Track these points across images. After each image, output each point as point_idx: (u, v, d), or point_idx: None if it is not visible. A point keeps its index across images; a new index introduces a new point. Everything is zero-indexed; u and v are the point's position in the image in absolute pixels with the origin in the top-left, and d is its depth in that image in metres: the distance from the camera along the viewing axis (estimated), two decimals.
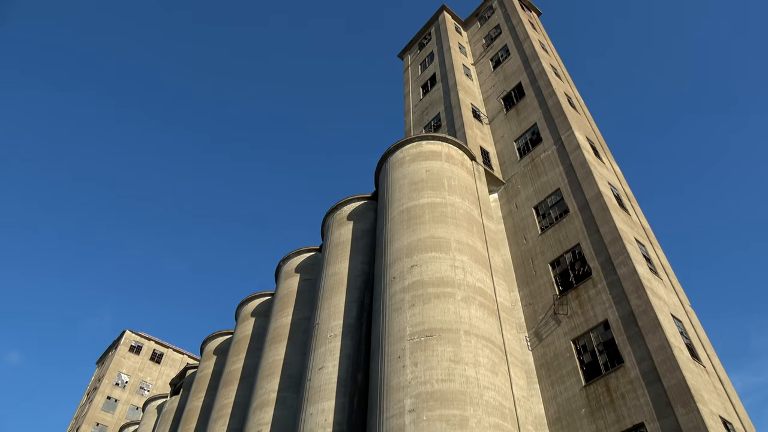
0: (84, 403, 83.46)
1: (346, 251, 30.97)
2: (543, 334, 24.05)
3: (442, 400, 19.22)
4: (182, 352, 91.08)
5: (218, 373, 39.06)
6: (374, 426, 20.48)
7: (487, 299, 23.55)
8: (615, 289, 22.37)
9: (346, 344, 26.32)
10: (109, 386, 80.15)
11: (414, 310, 22.43)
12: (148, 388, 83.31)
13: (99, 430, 76.22)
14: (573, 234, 25.93)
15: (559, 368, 22.47)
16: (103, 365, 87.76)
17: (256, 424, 28.05)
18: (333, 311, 28.07)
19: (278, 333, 32.06)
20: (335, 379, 25.01)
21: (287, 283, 35.08)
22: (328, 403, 24.22)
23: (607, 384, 20.42)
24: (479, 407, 19.18)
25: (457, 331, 21.37)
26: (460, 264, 24.02)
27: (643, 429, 18.54)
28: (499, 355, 21.75)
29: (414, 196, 27.39)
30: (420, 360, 20.65)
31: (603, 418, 19.88)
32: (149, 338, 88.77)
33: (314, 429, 23.57)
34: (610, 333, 21.59)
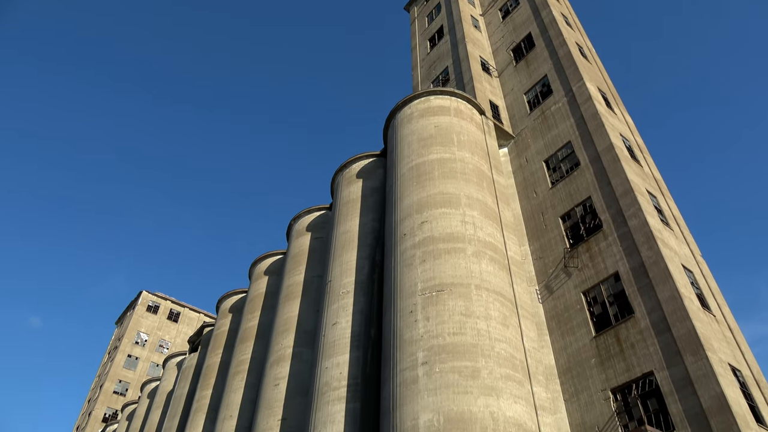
0: (106, 362, 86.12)
1: (356, 209, 31.08)
2: (553, 287, 24.25)
3: (454, 353, 19.61)
4: (198, 310, 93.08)
5: (234, 331, 39.98)
6: (388, 378, 21.01)
7: (497, 254, 23.68)
8: (626, 241, 22.38)
9: (358, 300, 26.74)
10: (129, 345, 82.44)
11: (425, 266, 22.64)
12: (167, 345, 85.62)
13: (122, 386, 78.87)
14: (584, 187, 25.78)
15: (569, 320, 22.76)
16: (122, 325, 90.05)
17: (274, 379, 28.86)
18: (345, 268, 28.40)
19: (291, 291, 32.58)
20: (349, 334, 25.53)
21: (299, 241, 35.42)
22: (343, 357, 24.80)
23: (617, 334, 20.69)
24: (491, 359, 19.56)
25: (468, 285, 21.60)
26: (470, 219, 24.06)
27: (652, 377, 18.88)
28: (509, 308, 22.02)
29: (423, 152, 27.23)
30: (432, 314, 20.97)
31: (613, 367, 20.23)
32: (166, 298, 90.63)
33: (330, 382, 24.23)
34: (621, 285, 21.73)
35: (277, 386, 28.40)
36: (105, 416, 75.37)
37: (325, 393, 23.99)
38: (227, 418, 31.66)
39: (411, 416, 18.76)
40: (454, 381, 18.89)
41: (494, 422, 17.94)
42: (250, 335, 35.43)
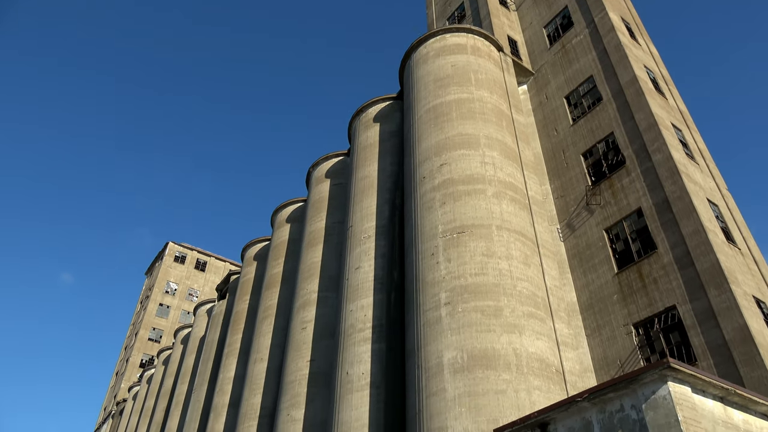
0: (139, 311, 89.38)
1: (374, 154, 30.93)
2: (575, 225, 24.16)
3: (476, 293, 19.88)
4: (224, 259, 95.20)
5: (260, 278, 40.95)
6: (412, 319, 21.48)
7: (518, 194, 23.54)
8: (649, 177, 22.02)
9: (380, 244, 27.03)
10: (159, 294, 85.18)
11: (445, 208, 22.66)
12: (196, 294, 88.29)
13: (156, 334, 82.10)
14: (606, 122, 25.19)
15: (591, 257, 22.77)
16: (151, 276, 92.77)
17: (301, 322, 29.73)
18: (365, 213, 28.58)
19: (314, 237, 33.02)
20: (372, 278, 25.97)
21: (318, 188, 35.58)
22: (367, 300, 25.34)
23: (639, 270, 20.70)
24: (513, 297, 19.81)
25: (488, 226, 21.63)
26: (489, 160, 23.82)
27: (675, 311, 18.98)
28: (531, 248, 22.08)
29: (440, 93, 26.73)
30: (453, 256, 21.15)
31: (635, 302, 20.36)
32: (192, 248, 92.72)
33: (355, 324, 24.87)
34: (644, 220, 21.55)
35: (304, 329, 29.27)
36: (142, 362, 78.90)
37: (351, 335, 24.68)
38: (258, 360, 32.91)
39: (435, 354, 19.27)
40: (477, 320, 19.24)
41: (517, 358, 18.36)
42: (276, 281, 36.26)
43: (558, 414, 14.94)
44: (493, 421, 17.03)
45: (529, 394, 17.67)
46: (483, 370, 18.09)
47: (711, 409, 13.50)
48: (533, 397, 17.60)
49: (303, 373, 27.67)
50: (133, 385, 69.95)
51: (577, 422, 14.55)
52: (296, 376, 27.76)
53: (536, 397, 17.65)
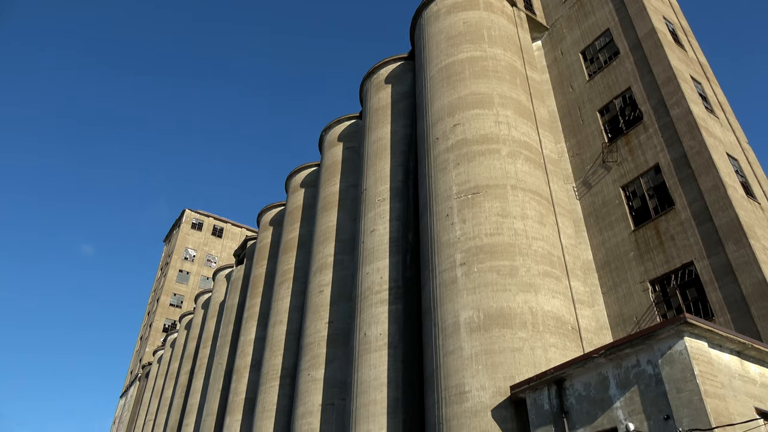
0: (159, 278, 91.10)
1: (386, 116, 30.65)
2: (591, 183, 23.92)
3: (491, 253, 19.93)
4: (240, 225, 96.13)
5: (276, 243, 41.37)
6: (428, 280, 21.66)
7: (532, 153, 23.29)
8: (667, 132, 21.61)
9: (394, 207, 27.05)
10: (179, 261, 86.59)
11: (459, 169, 22.52)
12: (214, 260, 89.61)
13: (177, 299, 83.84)
14: (623, 77, 24.60)
15: (607, 215, 22.62)
16: (170, 243, 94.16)
17: (318, 286, 30.13)
18: (379, 176, 28.52)
19: (328, 201, 33.12)
20: (387, 240, 26.11)
21: (331, 152, 35.48)
22: (383, 262, 25.54)
23: (656, 227, 20.54)
24: (528, 257, 19.84)
25: (503, 186, 21.50)
26: (504, 119, 23.50)
27: (692, 267, 18.90)
28: (546, 207, 21.97)
29: (452, 52, 26.21)
30: (468, 217, 21.13)
31: (651, 259, 20.28)
32: (208, 215, 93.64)
33: (372, 286, 25.15)
34: (661, 177, 21.26)
35: (321, 292, 29.69)
36: (165, 327, 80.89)
37: (367, 296, 24.99)
38: (277, 323, 33.56)
39: (452, 314, 19.49)
40: (493, 280, 19.35)
41: (533, 316, 18.51)
42: (292, 246, 36.63)
43: (574, 370, 15.13)
44: (509, 378, 17.31)
45: (546, 351, 17.87)
46: (499, 329, 18.29)
47: (727, 363, 13.57)
48: (549, 355, 17.81)
49: (322, 334, 28.20)
50: (157, 349, 71.91)
51: (593, 378, 14.74)
52: (315, 338, 28.32)
53: (552, 354, 17.86)
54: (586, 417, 14.50)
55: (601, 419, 14.12)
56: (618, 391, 13.97)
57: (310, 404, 26.36)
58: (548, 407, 15.56)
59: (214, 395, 40.57)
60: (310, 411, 26.17)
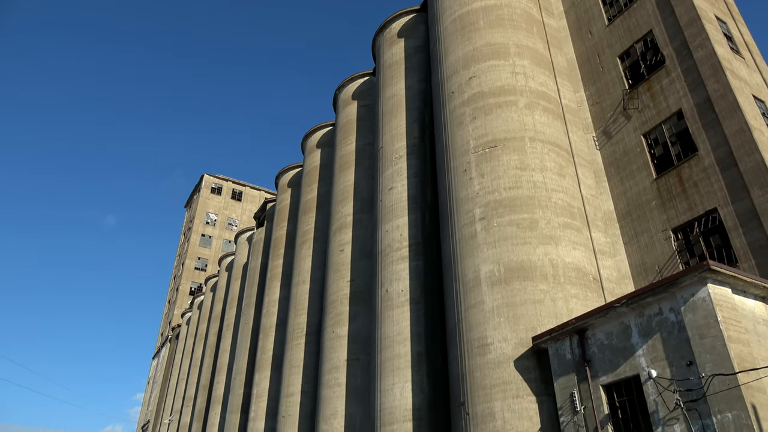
0: (183, 243, 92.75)
1: (400, 71, 30.15)
2: (612, 132, 23.46)
3: (510, 207, 19.84)
4: (258, 188, 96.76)
5: (295, 204, 41.64)
6: (447, 236, 21.72)
7: (551, 103, 22.81)
8: (691, 76, 20.94)
9: (411, 164, 26.92)
10: (200, 225, 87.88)
11: (476, 123, 22.22)
12: (235, 223, 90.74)
13: (201, 263, 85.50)
14: (644, 20, 23.72)
15: (628, 164, 22.25)
16: (191, 208, 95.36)
17: (338, 245, 30.42)
18: (395, 134, 28.29)
19: (345, 161, 33.05)
20: (405, 198, 26.10)
21: (346, 111, 35.18)
22: (402, 220, 25.61)
23: (679, 174, 20.18)
24: (548, 209, 19.71)
25: (521, 139, 21.20)
26: (520, 69, 22.96)
27: (716, 214, 18.62)
28: (565, 158, 21.67)
29: (466, 1, 25.44)
30: (486, 171, 20.96)
31: (674, 207, 20.01)
32: (226, 179, 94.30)
33: (392, 244, 25.32)
34: (684, 123, 20.74)
35: (342, 251, 29.99)
36: (191, 290, 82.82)
37: (388, 254, 25.19)
38: (300, 283, 34.12)
39: (472, 269, 19.60)
40: (512, 233, 19.33)
41: (554, 268, 18.53)
42: (311, 207, 36.84)
43: (596, 320, 15.22)
44: (531, 329, 17.50)
45: (567, 302, 17.96)
46: (520, 282, 18.38)
47: (752, 308, 13.52)
48: (571, 305, 17.90)
49: (344, 292, 28.64)
50: (185, 311, 73.84)
51: (615, 327, 14.82)
52: (338, 296, 28.79)
53: (574, 305, 17.95)
54: (608, 365, 14.66)
55: (623, 367, 14.27)
56: (640, 339, 14.06)
57: (336, 360, 27.03)
58: (570, 356, 15.75)
59: (242, 354, 41.79)
60: (336, 366, 26.86)
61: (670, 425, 12.90)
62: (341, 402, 25.82)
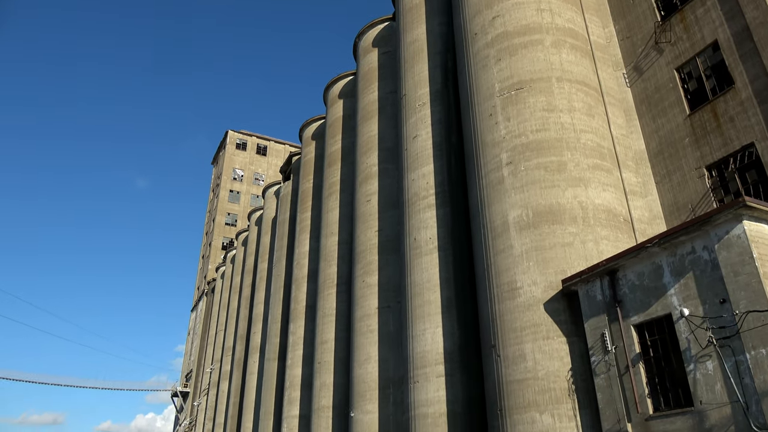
0: (212, 199, 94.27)
1: (420, 14, 29.28)
2: (643, 68, 22.60)
3: (538, 150, 19.51)
4: (283, 142, 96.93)
5: (320, 156, 41.66)
6: (474, 182, 21.57)
7: (578, 40, 21.99)
8: (727, 4, 19.84)
9: (435, 110, 26.52)
10: (228, 182, 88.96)
11: (501, 65, 21.62)
12: (261, 178, 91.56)
13: (231, 218, 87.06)
14: None
15: (660, 101, 21.51)
16: (217, 165, 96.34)
17: (365, 195, 30.54)
18: (417, 80, 27.77)
19: (367, 110, 32.72)
20: (430, 145, 25.86)
21: (367, 59, 34.54)
22: (427, 168, 25.47)
23: (713, 109, 19.46)
24: (577, 151, 19.34)
25: (548, 79, 20.61)
26: (546, 6, 22.06)
27: (752, 148, 18.02)
28: (594, 97, 21.05)
29: None
30: (512, 114, 20.55)
31: (708, 144, 19.41)
32: (250, 134, 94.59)
33: (418, 192, 25.30)
34: (720, 54, 19.81)
35: (368, 202, 30.13)
36: (223, 245, 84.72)
37: (414, 203, 25.22)
38: (329, 234, 34.56)
39: (500, 214, 19.53)
40: (540, 177, 19.08)
41: (583, 211, 18.34)
42: (336, 159, 36.84)
43: (627, 261, 15.14)
44: (561, 272, 17.51)
45: (597, 244, 17.85)
46: (549, 225, 18.28)
47: None
48: (601, 247, 17.79)
49: (372, 242, 28.94)
50: (219, 265, 75.79)
51: (647, 267, 14.74)
52: (366, 246, 29.12)
53: (604, 246, 17.84)
54: (639, 305, 14.67)
55: (654, 306, 14.27)
56: (672, 279, 13.97)
57: (367, 308, 27.62)
58: (601, 298, 15.78)
59: (276, 304, 42.99)
60: (368, 314, 27.47)
61: (702, 362, 12.97)
62: (374, 348, 26.55)
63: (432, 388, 21.36)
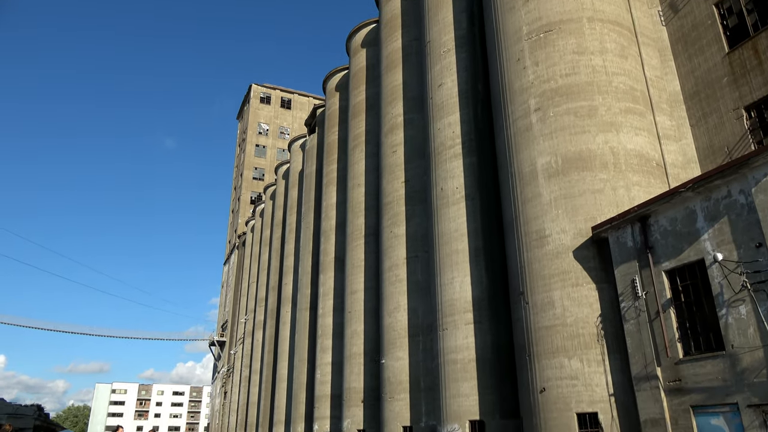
0: (239, 154, 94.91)
1: None
2: (679, 5, 21.51)
3: (567, 95, 18.99)
4: (307, 95, 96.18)
5: (345, 108, 41.30)
6: (501, 130, 21.21)
7: None
8: None
9: (461, 57, 25.87)
10: (253, 136, 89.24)
11: (528, 6, 20.83)
12: (286, 132, 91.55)
13: (258, 173, 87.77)
14: None
15: (697, 39, 20.56)
16: (242, 119, 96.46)
17: (391, 146, 30.35)
18: (442, 26, 27.00)
19: (391, 59, 32.08)
20: (456, 93, 25.38)
21: (389, 6, 33.60)
22: (453, 117, 25.09)
23: (755, 46, 18.53)
24: (608, 95, 18.77)
25: (579, 20, 19.81)
26: None
27: None
28: (627, 38, 20.21)
29: None
30: (541, 58, 19.93)
31: (748, 83, 18.59)
32: (274, 87, 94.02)
33: (444, 142, 25.03)
34: None
35: (394, 152, 29.96)
36: (252, 199, 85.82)
37: (441, 152, 25.00)
38: (355, 186, 34.66)
39: (528, 162, 19.26)
40: (570, 122, 18.65)
41: (614, 156, 17.95)
42: (361, 110, 36.49)
43: (659, 206, 14.89)
44: (590, 219, 17.34)
45: (628, 190, 17.55)
46: (578, 172, 17.98)
47: None
48: (632, 194, 17.49)
49: (399, 193, 28.95)
50: (249, 219, 77.05)
51: (680, 212, 14.48)
52: (393, 197, 29.16)
53: (635, 192, 17.53)
54: (671, 251, 14.50)
55: (687, 252, 14.09)
56: (706, 224, 13.73)
57: (396, 258, 27.91)
58: (631, 244, 15.64)
59: (306, 256, 43.74)
60: (396, 264, 27.78)
61: (735, 306, 12.87)
62: (403, 297, 26.98)
63: (461, 335, 21.74)
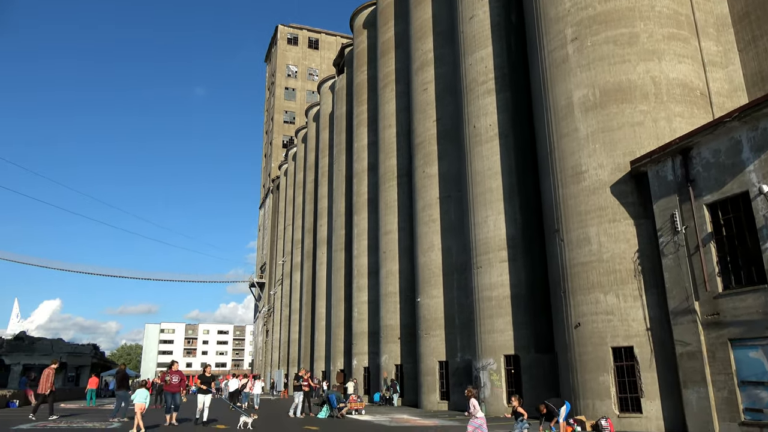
0: (268, 98, 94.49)
1: None
2: None
3: (606, 22, 18.06)
4: (334, 33, 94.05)
5: (373, 46, 40.30)
6: (536, 63, 20.45)
7: None
8: None
9: None
10: (282, 78, 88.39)
11: None
12: (315, 73, 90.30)
13: (288, 116, 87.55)
14: None
15: None
16: (271, 62, 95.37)
17: (421, 84, 29.70)
18: None
19: None
20: (488, 25, 24.43)
21: None
22: (486, 50, 24.25)
23: None
24: (650, 20, 17.77)
25: None
26: None
27: None
28: None
29: None
30: None
31: None
32: (301, 27, 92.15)
33: (476, 77, 24.33)
34: None
35: (425, 90, 29.35)
36: (283, 143, 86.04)
37: (473, 89, 24.37)
38: (386, 126, 34.28)
39: (564, 95, 18.63)
40: (609, 52, 17.82)
41: (656, 86, 17.18)
42: (389, 47, 35.57)
43: (702, 138, 14.33)
44: (629, 153, 16.84)
45: (670, 122, 16.88)
46: (617, 105, 17.33)
47: None
48: (674, 125, 16.83)
49: (431, 132, 28.55)
50: (282, 163, 77.56)
51: (724, 143, 13.92)
52: (425, 137, 28.80)
53: (677, 124, 16.85)
54: (713, 184, 14.04)
55: (730, 184, 13.62)
56: (752, 155, 13.18)
57: (428, 198, 27.87)
58: (672, 177, 15.19)
59: (339, 198, 44.06)
60: (429, 204, 27.77)
61: None
62: (437, 236, 27.10)
63: (495, 273, 21.86)
